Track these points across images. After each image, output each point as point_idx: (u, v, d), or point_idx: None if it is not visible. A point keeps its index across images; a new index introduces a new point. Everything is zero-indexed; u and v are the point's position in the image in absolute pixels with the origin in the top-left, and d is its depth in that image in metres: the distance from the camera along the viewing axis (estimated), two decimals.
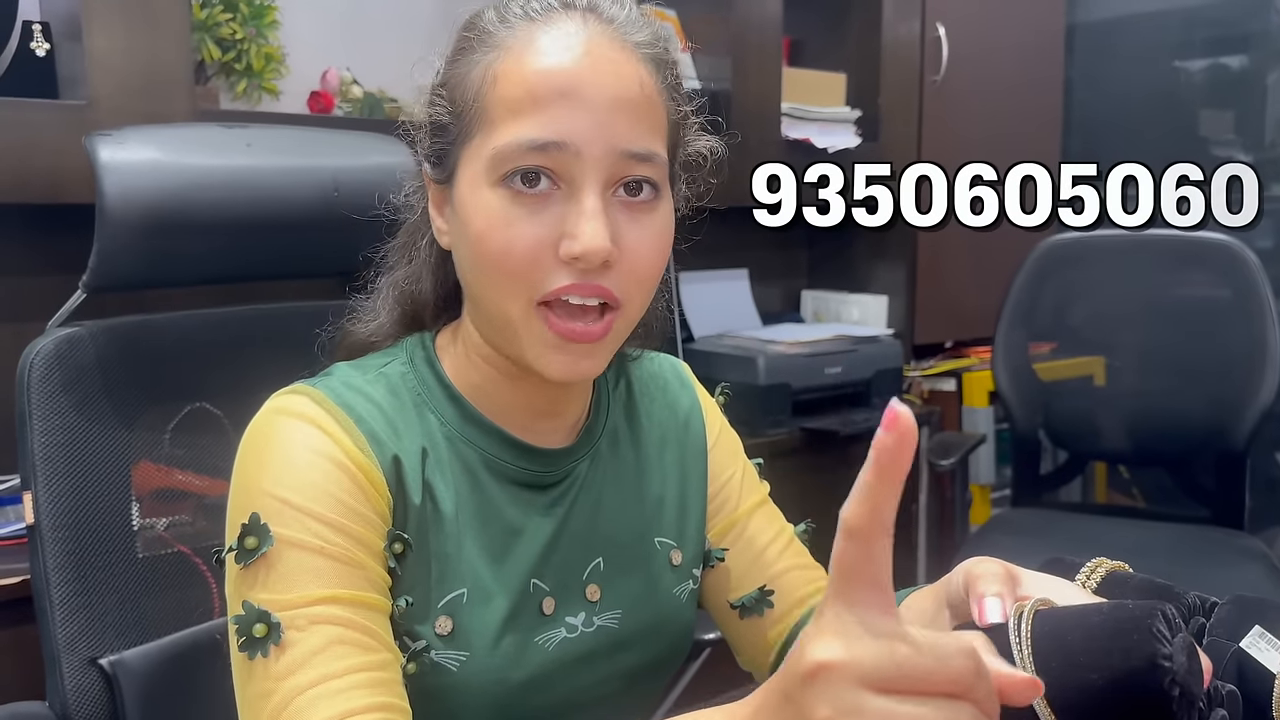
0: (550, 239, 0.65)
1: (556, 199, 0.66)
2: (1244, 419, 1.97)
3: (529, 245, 0.65)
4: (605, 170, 0.66)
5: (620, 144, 0.66)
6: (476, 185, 0.67)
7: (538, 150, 0.65)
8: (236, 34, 1.68)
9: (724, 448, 0.87)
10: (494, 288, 0.67)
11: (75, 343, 0.95)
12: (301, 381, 0.72)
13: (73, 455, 0.93)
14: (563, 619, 0.74)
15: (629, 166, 0.66)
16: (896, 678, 0.39)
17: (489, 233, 0.66)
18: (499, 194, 0.66)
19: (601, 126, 0.65)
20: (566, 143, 0.64)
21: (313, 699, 0.60)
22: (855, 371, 2.20)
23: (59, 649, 0.91)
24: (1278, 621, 0.58)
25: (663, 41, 0.71)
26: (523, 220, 0.65)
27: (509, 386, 0.74)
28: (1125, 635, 0.49)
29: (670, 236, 0.72)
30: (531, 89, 0.65)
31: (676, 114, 0.72)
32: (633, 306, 0.69)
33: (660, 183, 0.69)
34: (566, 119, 0.65)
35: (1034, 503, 2.21)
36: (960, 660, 0.40)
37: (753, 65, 2.11)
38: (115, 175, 0.95)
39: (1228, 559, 1.84)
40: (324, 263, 1.06)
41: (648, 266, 0.69)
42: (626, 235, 0.67)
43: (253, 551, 0.64)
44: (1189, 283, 2.13)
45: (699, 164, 0.77)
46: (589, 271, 0.65)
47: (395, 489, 0.69)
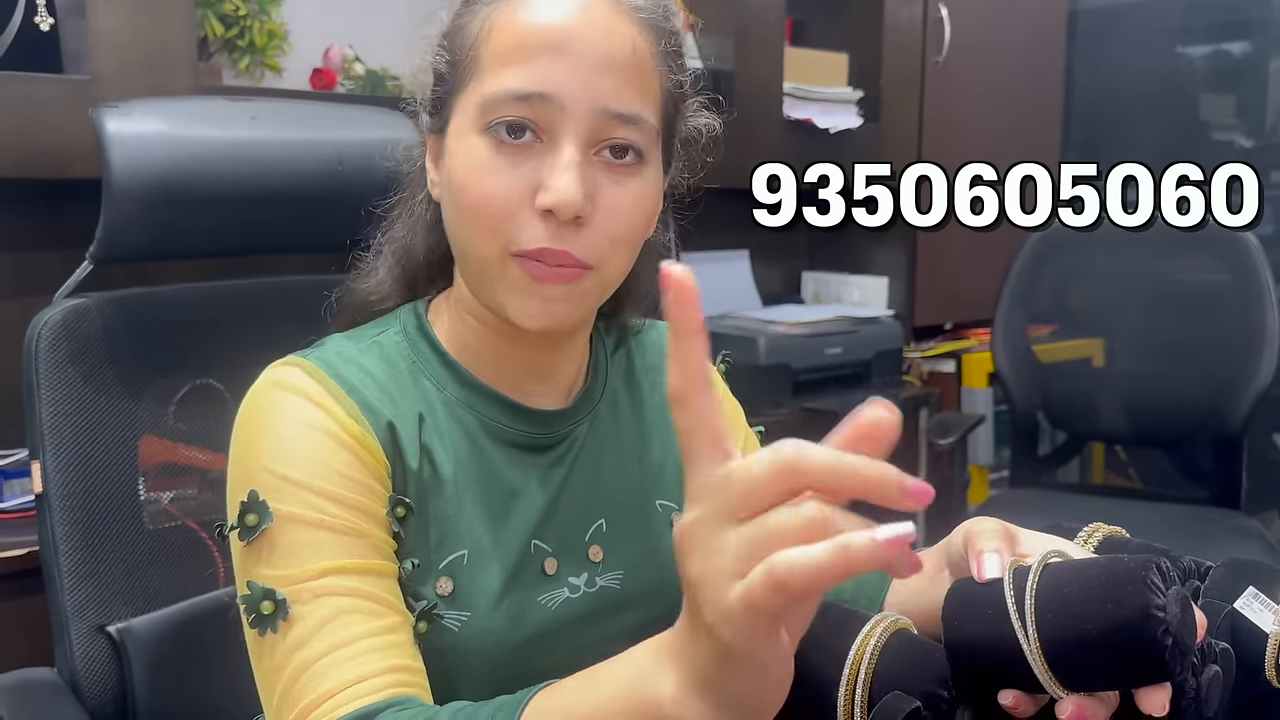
0: (528, 190, 0.66)
1: (538, 151, 0.66)
2: (1241, 401, 1.98)
3: (506, 194, 0.66)
4: (588, 127, 0.66)
5: (604, 102, 0.66)
6: (464, 133, 0.68)
7: (521, 100, 0.65)
8: (239, 10, 1.68)
9: (725, 416, 0.87)
10: (471, 234, 0.68)
11: (82, 314, 0.96)
12: (295, 353, 0.72)
13: (80, 425, 0.94)
14: (565, 579, 0.75)
15: (613, 127, 0.66)
16: (738, 505, 0.40)
17: (469, 179, 0.67)
18: (483, 142, 0.67)
19: (587, 83, 0.65)
20: (550, 95, 0.65)
21: (324, 668, 0.61)
22: (855, 352, 2.21)
23: (67, 616, 0.92)
24: (1271, 583, 0.59)
25: (662, 8, 0.70)
26: (503, 170, 0.66)
27: (502, 345, 0.75)
28: (1120, 586, 0.50)
29: (654, 205, 0.71)
30: (522, 40, 0.66)
31: (672, 83, 0.71)
32: (608, 269, 0.69)
33: (646, 150, 0.69)
34: (552, 71, 0.65)
35: (1032, 483, 2.22)
36: (772, 459, 0.40)
37: (755, 45, 2.11)
38: (122, 147, 0.96)
39: (1224, 539, 1.85)
40: (328, 236, 1.07)
41: (624, 228, 0.68)
42: (604, 194, 0.67)
43: (253, 528, 0.65)
44: (1189, 266, 2.14)
45: (696, 140, 0.77)
46: (562, 229, 0.65)
47: (392, 455, 0.70)
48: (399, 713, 0.59)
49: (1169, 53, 2.96)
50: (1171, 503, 2.11)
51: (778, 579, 0.38)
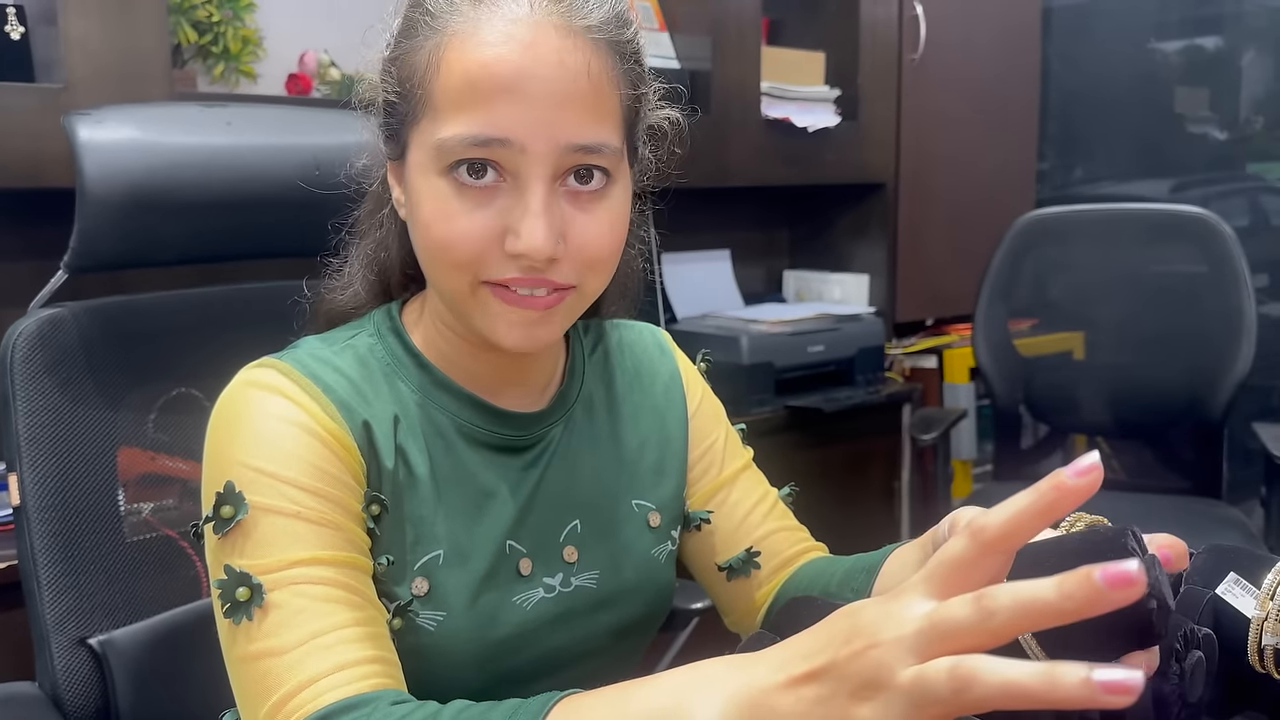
0: (495, 231, 0.65)
1: (503, 191, 0.65)
2: (1221, 390, 2.00)
3: (474, 238, 0.65)
4: (551, 164, 0.65)
5: (565, 138, 0.64)
6: (425, 171, 0.67)
7: (479, 145, 0.64)
8: (213, 16, 1.67)
9: (706, 414, 0.88)
10: (440, 271, 0.68)
11: (58, 323, 0.95)
12: (269, 356, 0.72)
13: (57, 436, 0.93)
14: (540, 579, 0.75)
15: (577, 158, 0.65)
16: (944, 582, 0.42)
17: (434, 222, 0.66)
18: (445, 183, 0.66)
19: (545, 123, 0.64)
20: (509, 139, 0.64)
21: (302, 656, 0.61)
22: (838, 350, 2.22)
23: (48, 629, 0.91)
24: (1252, 568, 0.59)
25: (615, 19, 0.68)
26: (467, 213, 0.65)
27: (475, 354, 0.75)
28: (1099, 553, 0.51)
29: (625, 216, 0.71)
30: (474, 82, 0.64)
31: (630, 97, 0.69)
32: (588, 286, 0.69)
33: (613, 168, 0.68)
34: (509, 115, 0.63)
35: (1015, 476, 2.23)
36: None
37: (732, 45, 2.11)
38: (95, 154, 0.95)
39: (1207, 528, 1.87)
40: (306, 241, 1.05)
41: (599, 251, 0.68)
42: (574, 225, 0.66)
43: (229, 520, 0.64)
44: (1166, 257, 2.16)
45: (662, 135, 0.77)
46: (533, 266, 0.65)
47: (367, 453, 0.70)
48: (395, 705, 0.59)
49: (1143, 48, 2.99)
50: (1154, 493, 2.13)
51: (962, 678, 0.38)
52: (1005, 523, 0.41)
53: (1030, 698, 0.37)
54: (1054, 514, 0.39)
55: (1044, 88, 2.84)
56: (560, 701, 0.53)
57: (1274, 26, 2.80)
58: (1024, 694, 0.37)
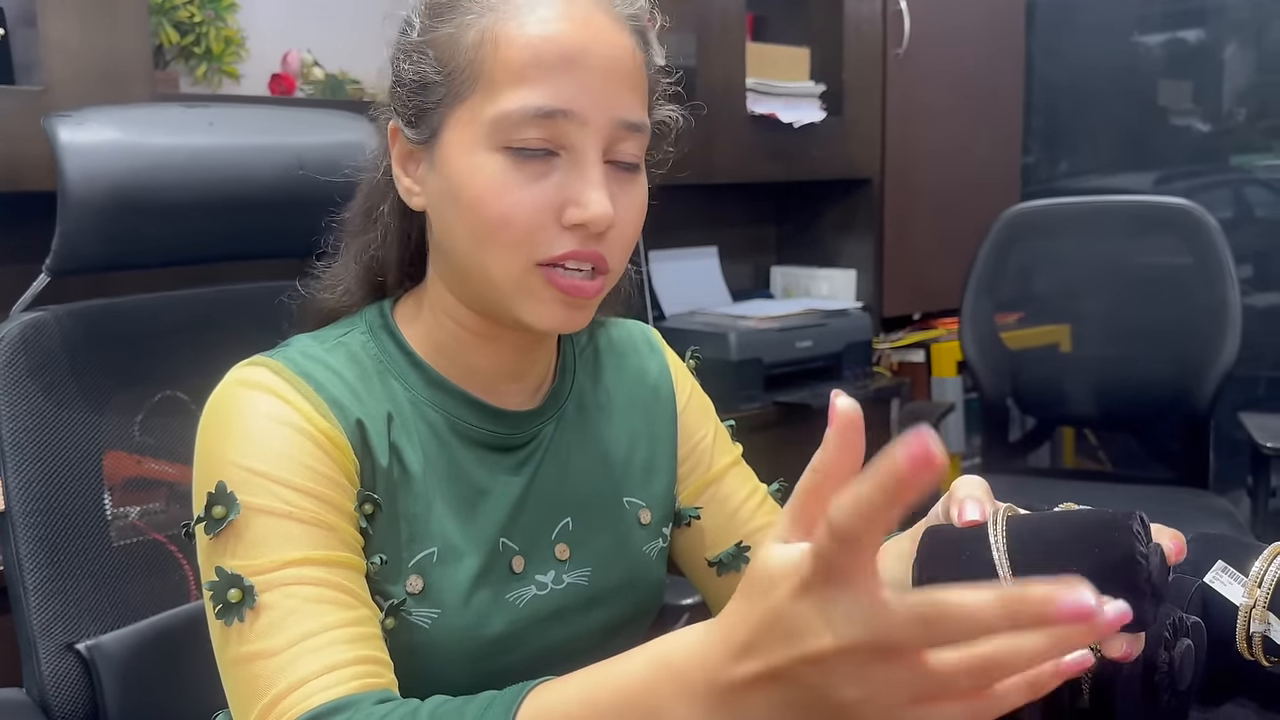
0: (553, 205, 0.66)
1: (558, 165, 0.67)
2: (1207, 381, 2.01)
3: (531, 211, 0.66)
4: (605, 139, 0.67)
5: (619, 113, 0.67)
6: (471, 149, 0.67)
7: (544, 117, 0.65)
8: (195, 17, 1.66)
9: (695, 410, 0.88)
10: (491, 251, 0.67)
11: (41, 327, 0.94)
12: (260, 354, 0.72)
13: (42, 440, 0.92)
14: (532, 577, 0.75)
15: (624, 136, 0.68)
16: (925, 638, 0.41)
17: (489, 198, 0.66)
18: (499, 159, 0.66)
19: (604, 95, 0.67)
20: (573, 111, 0.66)
21: (293, 657, 0.60)
22: (826, 345, 2.22)
23: (34, 635, 0.91)
24: (1240, 556, 0.59)
25: (644, 11, 0.73)
26: (524, 186, 0.66)
27: (476, 348, 0.75)
28: (1106, 531, 0.51)
29: (646, 203, 0.73)
30: (538, 54, 0.66)
31: (654, 84, 0.74)
32: (618, 270, 0.71)
33: (642, 152, 0.71)
34: (572, 86, 0.66)
35: (1003, 469, 2.24)
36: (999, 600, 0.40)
37: (717, 41, 2.11)
38: (76, 156, 0.94)
39: (1194, 518, 1.87)
40: (290, 241, 1.06)
41: (633, 232, 0.71)
42: (619, 202, 0.68)
43: (220, 520, 0.64)
44: (1151, 249, 2.17)
45: (662, 132, 0.78)
46: (589, 238, 0.67)
47: (361, 452, 0.69)
48: (377, 705, 0.59)
49: (1126, 41, 3.00)
50: (1141, 484, 2.14)
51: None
52: (853, 523, 0.41)
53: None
54: (904, 500, 0.39)
55: (1028, 81, 2.85)
56: (532, 691, 0.54)
57: (1256, 19, 2.82)
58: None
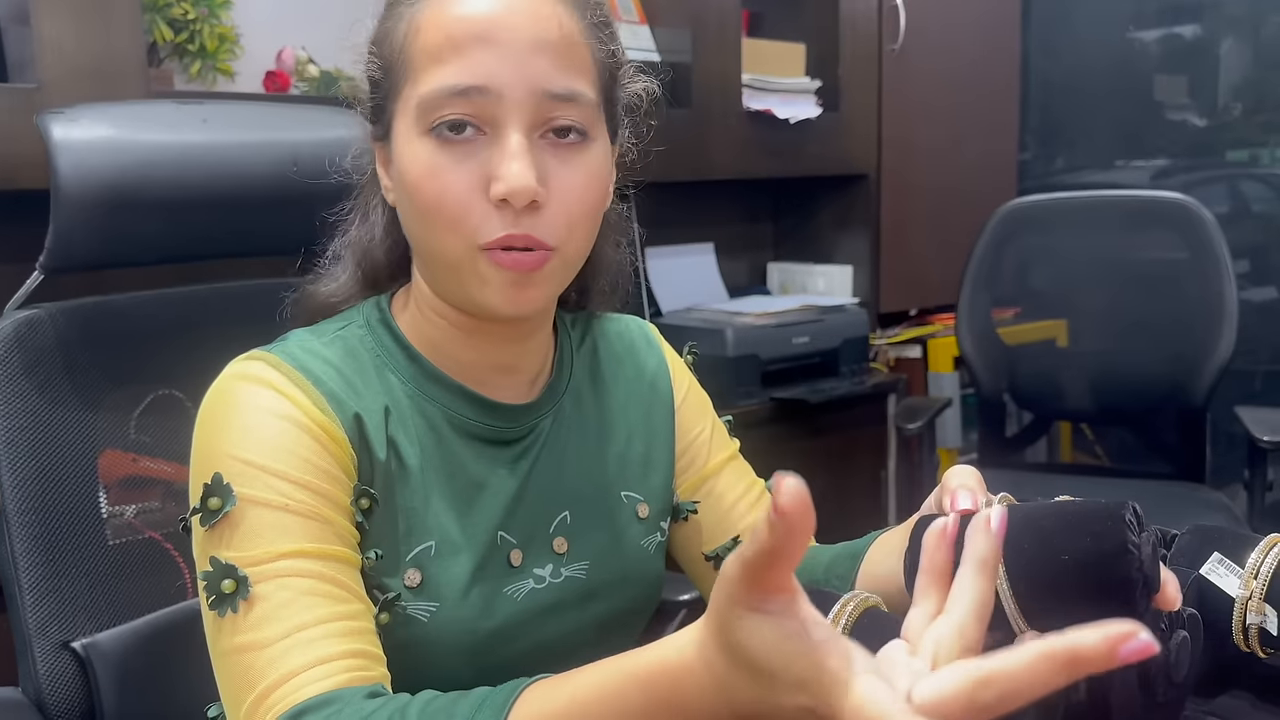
0: (479, 183, 0.66)
1: (482, 144, 0.67)
2: (1203, 375, 2.01)
3: (460, 192, 0.66)
4: (529, 112, 0.66)
5: (541, 84, 0.66)
6: (409, 137, 0.68)
7: (459, 95, 0.65)
8: (188, 14, 1.65)
9: (692, 405, 0.88)
10: (434, 235, 0.68)
11: (35, 325, 0.94)
12: (258, 349, 0.72)
13: (37, 438, 0.92)
14: (530, 570, 0.75)
15: (553, 108, 0.67)
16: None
17: (421, 182, 0.67)
18: (427, 143, 0.67)
19: (521, 68, 0.66)
20: (487, 86, 0.65)
21: (286, 649, 0.61)
22: (822, 341, 2.22)
23: (30, 633, 0.90)
24: (1235, 548, 0.60)
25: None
26: (451, 168, 0.66)
27: (466, 341, 0.75)
28: (1099, 521, 0.51)
29: (606, 179, 0.72)
30: (450, 34, 0.66)
31: (604, 54, 0.72)
32: (569, 248, 0.70)
33: (589, 125, 0.69)
34: (485, 62, 0.65)
35: (1000, 464, 2.24)
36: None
37: (712, 37, 2.11)
38: (69, 153, 0.94)
39: (1191, 512, 1.88)
40: (284, 239, 1.05)
41: (579, 206, 0.69)
42: (555, 176, 0.68)
43: (216, 512, 0.64)
44: (1147, 244, 2.17)
45: (638, 106, 0.78)
46: (520, 216, 0.66)
47: (358, 445, 0.70)
48: (367, 700, 0.59)
49: (1122, 36, 3.00)
50: (1138, 478, 2.14)
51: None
52: (758, 568, 0.41)
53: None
54: (797, 543, 0.40)
55: (1024, 77, 2.85)
56: (524, 692, 0.53)
57: (1251, 14, 2.82)
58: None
